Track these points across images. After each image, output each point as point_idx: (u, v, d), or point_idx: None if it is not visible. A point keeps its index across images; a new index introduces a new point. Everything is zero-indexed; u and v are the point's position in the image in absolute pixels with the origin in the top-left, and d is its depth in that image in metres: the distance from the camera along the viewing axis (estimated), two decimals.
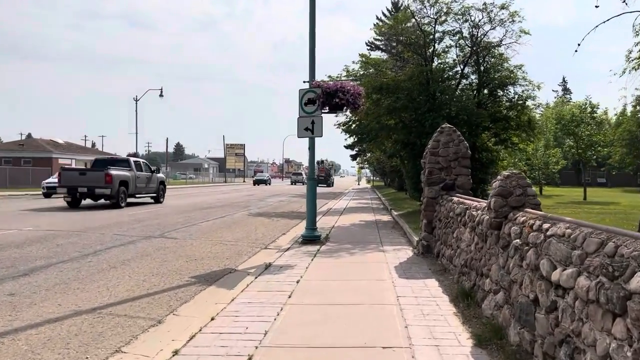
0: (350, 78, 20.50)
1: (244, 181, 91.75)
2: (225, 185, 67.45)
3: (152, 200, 24.17)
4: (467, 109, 15.42)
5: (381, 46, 56.53)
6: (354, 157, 62.78)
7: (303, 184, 70.38)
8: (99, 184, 19.94)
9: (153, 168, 24.19)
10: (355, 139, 36.99)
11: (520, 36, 17.26)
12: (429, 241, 9.16)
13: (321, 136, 11.01)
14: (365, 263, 8.48)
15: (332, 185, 68.56)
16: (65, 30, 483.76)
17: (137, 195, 22.72)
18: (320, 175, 65.99)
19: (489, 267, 5.23)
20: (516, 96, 17.46)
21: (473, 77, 18.11)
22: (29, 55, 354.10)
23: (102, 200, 21.00)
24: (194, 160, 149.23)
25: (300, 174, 79.79)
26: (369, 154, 48.27)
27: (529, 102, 17.39)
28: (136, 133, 48.27)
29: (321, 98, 10.72)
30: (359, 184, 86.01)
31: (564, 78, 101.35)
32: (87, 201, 21.80)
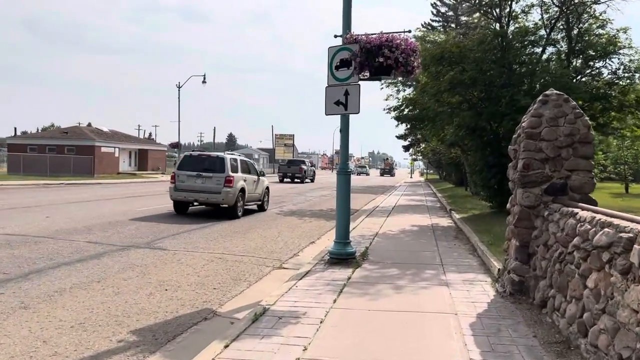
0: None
1: None
2: (273, 175, 64.90)
3: (309, 181, 41.97)
4: (557, 83, 11.64)
5: (439, 27, 52.15)
6: (406, 148, 58.85)
7: (367, 175, 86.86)
8: (297, 172, 40.38)
9: (312, 164, 44.78)
10: (408, 127, 33.28)
11: None
12: (524, 276, 5.75)
13: (358, 112, 7.76)
14: (420, 314, 5.19)
15: (394, 176, 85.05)
16: (125, 23, 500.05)
17: (306, 179, 41.26)
18: (386, 168, 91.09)
19: None
20: (621, 67, 13.41)
21: (562, 43, 14.15)
22: (92, 47, 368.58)
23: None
24: (244, 150, 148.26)
25: (365, 167, 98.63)
26: (422, 145, 44.21)
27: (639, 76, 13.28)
28: (179, 121, 46.43)
29: (359, 57, 7.46)
30: (411, 177, 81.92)
31: None
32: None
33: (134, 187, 27.80)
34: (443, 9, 53.76)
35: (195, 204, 14.41)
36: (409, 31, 7.59)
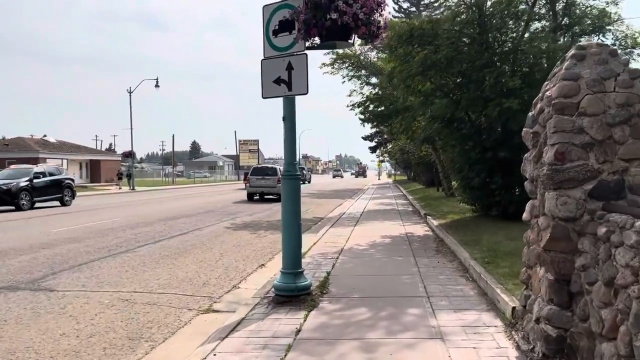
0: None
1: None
2: (238, 183, 62.01)
3: (307, 183, 50.03)
4: (549, 60, 9.81)
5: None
6: (373, 149, 57.37)
7: (342, 177, 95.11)
8: (305, 177, 48.95)
9: (307, 169, 62.32)
10: (374, 125, 31.33)
11: None
12: (566, 328, 3.67)
13: (306, 93, 5.63)
14: None
15: (367, 177, 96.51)
16: (82, 32, 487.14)
17: (305, 181, 47.55)
18: (359, 170, 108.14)
19: None
20: (617, 43, 11.70)
21: (547, 18, 12.36)
22: (49, 57, 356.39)
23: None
24: (209, 158, 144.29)
25: (339, 170, 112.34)
26: (389, 145, 42.53)
27: (638, 52, 11.62)
28: (131, 128, 43.13)
29: (303, 15, 5.32)
30: (379, 179, 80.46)
31: None
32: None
33: (75, 202, 24.60)
34: (405, 5, 52.44)
35: (257, 195, 24.25)
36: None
